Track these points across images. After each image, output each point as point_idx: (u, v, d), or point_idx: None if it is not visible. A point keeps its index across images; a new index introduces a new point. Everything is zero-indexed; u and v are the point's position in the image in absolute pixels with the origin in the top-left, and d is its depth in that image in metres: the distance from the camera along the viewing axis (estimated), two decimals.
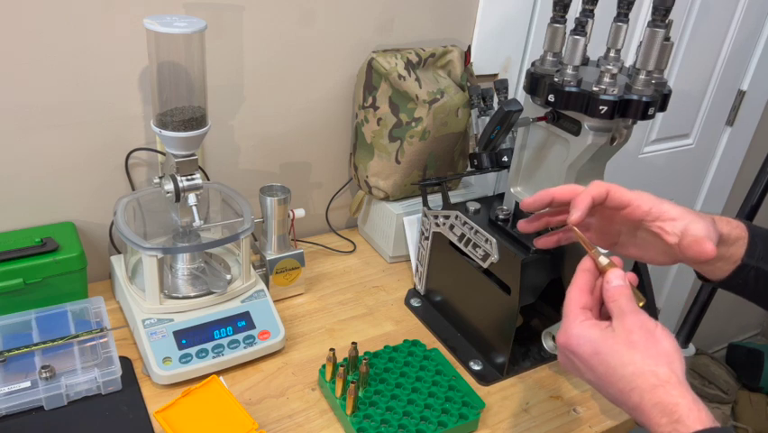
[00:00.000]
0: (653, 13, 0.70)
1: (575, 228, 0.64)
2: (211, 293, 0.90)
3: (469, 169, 1.08)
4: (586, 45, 0.75)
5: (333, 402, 0.82)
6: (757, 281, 0.69)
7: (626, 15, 0.73)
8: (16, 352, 0.79)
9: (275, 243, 0.99)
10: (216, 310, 0.89)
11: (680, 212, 0.64)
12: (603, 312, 0.62)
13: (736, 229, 0.69)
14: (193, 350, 0.84)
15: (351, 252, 1.18)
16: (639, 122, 0.77)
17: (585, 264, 0.63)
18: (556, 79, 0.75)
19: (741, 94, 1.72)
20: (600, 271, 0.62)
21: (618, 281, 0.60)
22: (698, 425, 0.51)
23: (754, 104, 1.77)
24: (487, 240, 0.87)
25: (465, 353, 0.94)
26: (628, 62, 0.79)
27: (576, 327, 0.59)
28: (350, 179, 1.21)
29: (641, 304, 0.61)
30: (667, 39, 0.72)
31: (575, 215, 0.63)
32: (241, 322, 0.89)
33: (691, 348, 0.92)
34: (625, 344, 0.56)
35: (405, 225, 1.11)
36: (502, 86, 1.03)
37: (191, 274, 0.93)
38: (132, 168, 0.99)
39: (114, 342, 0.83)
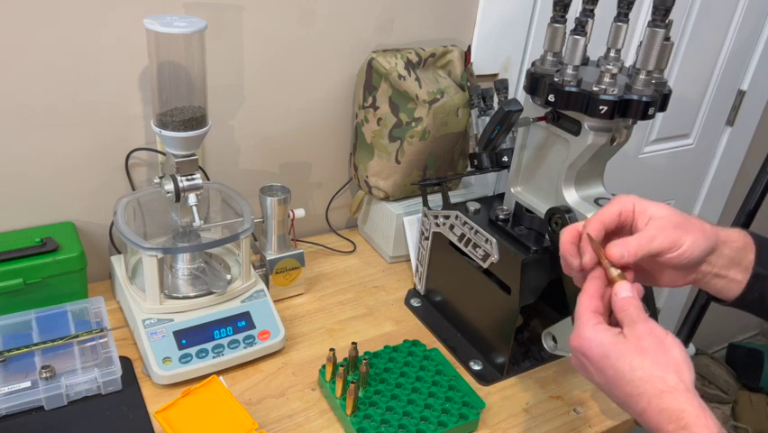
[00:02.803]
0: (653, 13, 0.70)
1: (592, 238, 0.63)
2: (211, 293, 0.90)
3: (469, 169, 1.08)
4: (586, 45, 0.75)
5: (333, 402, 0.82)
6: None
7: (626, 15, 0.73)
8: (16, 352, 0.79)
9: (275, 243, 0.99)
10: (216, 310, 0.89)
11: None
12: (612, 321, 0.62)
13: (741, 250, 0.67)
14: (193, 350, 0.84)
15: (351, 252, 1.18)
16: (639, 122, 0.77)
17: (595, 273, 0.63)
18: (556, 79, 0.75)
19: (741, 94, 1.72)
20: (609, 282, 0.63)
21: (627, 293, 0.60)
22: (705, 432, 0.51)
23: (754, 104, 1.77)
24: (487, 240, 0.87)
25: (465, 353, 0.94)
26: (628, 62, 0.79)
27: (588, 330, 0.59)
28: (350, 179, 1.21)
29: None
30: (667, 39, 0.72)
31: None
32: (241, 322, 0.89)
33: (691, 348, 0.92)
34: (635, 349, 0.56)
35: (405, 225, 1.11)
36: (502, 86, 1.03)
37: (191, 274, 0.93)
38: (132, 168, 0.99)
39: (113, 342, 0.83)
